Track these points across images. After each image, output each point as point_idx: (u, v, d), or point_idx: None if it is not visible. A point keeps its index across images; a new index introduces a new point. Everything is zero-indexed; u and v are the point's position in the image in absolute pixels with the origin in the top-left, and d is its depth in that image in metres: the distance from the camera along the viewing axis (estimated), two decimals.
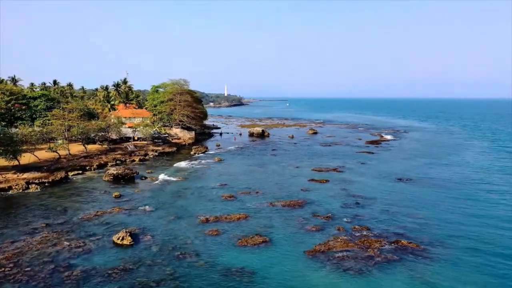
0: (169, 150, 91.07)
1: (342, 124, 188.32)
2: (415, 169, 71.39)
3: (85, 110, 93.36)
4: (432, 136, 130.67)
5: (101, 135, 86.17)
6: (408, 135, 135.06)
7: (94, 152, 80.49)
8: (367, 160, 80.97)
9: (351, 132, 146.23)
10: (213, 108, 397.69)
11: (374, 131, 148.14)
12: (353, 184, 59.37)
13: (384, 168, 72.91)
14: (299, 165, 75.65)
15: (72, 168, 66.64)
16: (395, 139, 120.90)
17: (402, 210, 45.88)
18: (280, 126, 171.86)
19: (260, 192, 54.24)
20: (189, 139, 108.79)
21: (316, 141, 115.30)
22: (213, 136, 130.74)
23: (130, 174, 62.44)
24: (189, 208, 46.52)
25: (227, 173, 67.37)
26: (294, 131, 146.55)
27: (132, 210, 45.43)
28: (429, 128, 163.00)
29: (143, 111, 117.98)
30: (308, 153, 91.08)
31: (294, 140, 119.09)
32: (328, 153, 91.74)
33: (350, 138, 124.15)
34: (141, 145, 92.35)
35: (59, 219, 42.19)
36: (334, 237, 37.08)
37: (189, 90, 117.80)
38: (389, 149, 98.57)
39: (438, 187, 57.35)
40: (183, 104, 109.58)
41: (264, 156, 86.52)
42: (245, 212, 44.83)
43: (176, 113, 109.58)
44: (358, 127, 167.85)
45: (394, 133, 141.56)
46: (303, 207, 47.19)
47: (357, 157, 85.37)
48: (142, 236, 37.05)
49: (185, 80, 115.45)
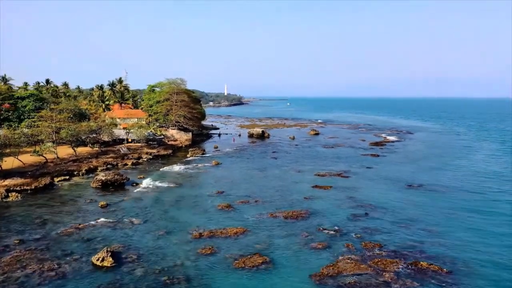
0: (164, 152, 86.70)
1: (344, 124, 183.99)
2: (424, 174, 67.06)
3: (76, 110, 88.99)
4: (437, 137, 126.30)
5: (93, 137, 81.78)
6: (412, 136, 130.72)
7: (84, 155, 76.11)
8: (372, 164, 76.64)
9: (353, 133, 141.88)
10: (213, 107, 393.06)
11: (377, 132, 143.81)
12: (360, 191, 55.06)
13: (391, 172, 68.60)
14: (301, 169, 71.33)
15: (58, 174, 62.29)
16: (399, 141, 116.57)
17: (416, 223, 41.57)
18: (281, 127, 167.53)
19: (260, 201, 49.93)
20: (186, 140, 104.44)
21: (318, 143, 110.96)
22: (211, 137, 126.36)
23: (119, 180, 58.08)
24: (181, 221, 42.21)
25: (224, 179, 63.04)
26: (295, 132, 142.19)
27: (118, 223, 41.10)
28: (433, 129, 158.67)
29: (138, 112, 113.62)
30: (310, 156, 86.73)
31: (295, 141, 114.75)
32: (331, 155, 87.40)
33: (353, 139, 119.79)
34: (135, 147, 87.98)
35: (36, 233, 37.88)
36: (343, 256, 32.78)
37: (186, 90, 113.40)
38: (394, 152, 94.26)
39: (452, 197, 53.00)
40: (180, 104, 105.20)
41: (264, 159, 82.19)
42: (243, 225, 40.52)
43: (172, 114, 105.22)
44: (360, 128, 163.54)
45: (398, 134, 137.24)
46: (307, 219, 42.89)
47: (361, 160, 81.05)
48: (126, 256, 32.72)
49: (182, 79, 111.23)
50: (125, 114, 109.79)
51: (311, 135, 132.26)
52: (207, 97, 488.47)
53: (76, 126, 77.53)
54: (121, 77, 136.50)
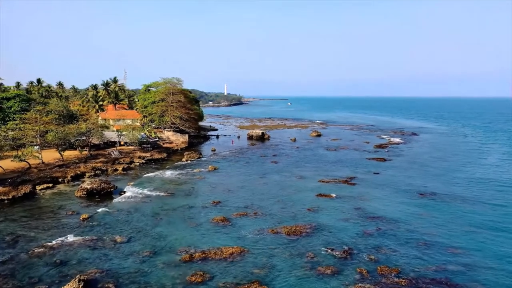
0: (158, 156, 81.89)
1: (346, 125, 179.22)
2: (436, 181, 62.31)
3: (64, 112, 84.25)
4: (444, 139, 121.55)
5: (82, 141, 77.09)
6: (417, 137, 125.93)
7: (72, 160, 71.36)
8: (379, 169, 71.91)
9: (356, 134, 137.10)
10: (212, 107, 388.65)
11: (380, 133, 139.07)
12: (368, 201, 50.32)
13: (400, 179, 63.87)
14: (304, 174, 66.60)
15: (41, 181, 57.54)
16: (404, 143, 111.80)
17: (436, 242, 36.83)
18: (281, 127, 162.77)
19: (259, 213, 45.22)
20: (182, 143, 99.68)
21: (320, 145, 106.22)
22: (209, 139, 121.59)
23: (106, 188, 53.32)
24: (171, 238, 37.47)
25: (221, 186, 58.30)
26: (296, 133, 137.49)
27: (99, 241, 36.37)
28: (438, 130, 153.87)
29: (132, 113, 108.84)
30: (313, 160, 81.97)
31: (296, 143, 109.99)
32: (335, 159, 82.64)
33: (356, 141, 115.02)
34: (127, 151, 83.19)
35: (3, 254, 33.19)
36: (356, 286, 28.07)
37: (183, 90, 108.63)
38: (400, 155, 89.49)
39: (471, 210, 48.29)
40: (176, 105, 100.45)
41: (264, 164, 77.42)
42: (240, 244, 35.81)
43: (168, 115, 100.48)
44: (363, 129, 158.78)
45: (402, 135, 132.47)
46: (311, 235, 38.18)
47: (367, 165, 76.32)
48: (102, 286, 27.99)
49: (178, 79, 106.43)
50: (118, 115, 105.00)
51: (313, 137, 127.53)
52: (206, 97, 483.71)
53: (64, 128, 72.90)
54: (116, 77, 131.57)
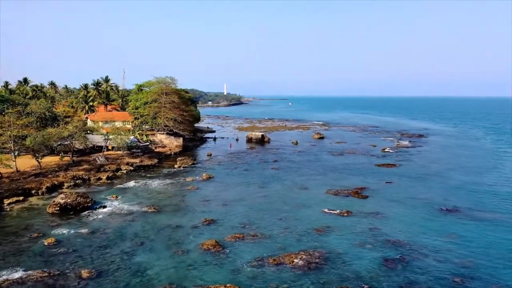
0: (148, 162, 74.94)
1: (349, 126, 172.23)
2: (458, 194, 55.34)
3: (47, 114, 77.36)
4: (455, 142, 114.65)
5: (65, 145, 70.27)
6: (426, 140, 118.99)
7: (52, 167, 64.50)
8: (392, 177, 65.03)
9: (361, 136, 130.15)
10: (211, 107, 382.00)
11: (386, 135, 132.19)
12: (385, 220, 43.44)
13: (417, 190, 56.96)
14: (309, 184, 59.73)
15: (11, 193, 50.64)
16: (413, 146, 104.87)
17: (476, 276, 29.95)
18: (282, 129, 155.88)
19: (259, 235, 38.33)
20: (176, 147, 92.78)
21: (324, 148, 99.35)
22: (205, 142, 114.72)
23: (83, 203, 46.44)
24: (150, 272, 30.57)
25: (215, 200, 51.40)
26: (297, 135, 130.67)
27: (61, 276, 29.51)
28: (446, 132, 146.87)
29: (123, 114, 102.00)
30: (317, 166, 75.05)
31: (298, 147, 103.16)
32: (342, 165, 75.73)
33: (363, 144, 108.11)
34: (114, 156, 76.27)
35: None
36: None
37: (177, 90, 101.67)
38: (412, 160, 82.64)
39: (505, 230, 41.37)
40: (169, 106, 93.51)
41: (264, 171, 70.53)
42: (234, 280, 28.97)
43: (161, 117, 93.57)
44: (367, 130, 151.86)
45: (410, 138, 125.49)
46: (322, 268, 31.32)
47: (378, 172, 69.48)
48: None
49: (172, 78, 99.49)
50: (108, 117, 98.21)
51: (316, 139, 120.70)
52: (206, 96, 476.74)
53: (45, 132, 66.04)
54: (108, 76, 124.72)
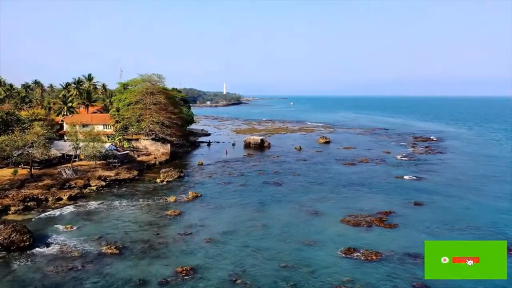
0: (126, 175, 62.89)
1: (355, 128, 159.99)
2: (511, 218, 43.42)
3: (5, 117, 65.40)
4: (480, 149, 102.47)
5: (23, 156, 58.38)
6: (445, 145, 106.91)
7: (3, 184, 52.54)
8: (420, 195, 53.12)
9: (371, 140, 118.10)
10: (210, 107, 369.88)
11: (398, 139, 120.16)
12: None
13: (456, 214, 45.03)
14: (319, 208, 47.79)
15: None
16: (433, 153, 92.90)
17: None
18: (283, 132, 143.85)
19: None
20: (163, 154, 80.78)
21: (332, 156, 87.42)
22: (198, 147, 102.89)
23: (18, 242, 34.45)
24: None
25: (200, 232, 39.47)
26: (300, 139, 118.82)
27: None
28: (464, 135, 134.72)
29: (104, 117, 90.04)
30: (327, 180, 63.16)
31: (302, 153, 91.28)
32: (356, 179, 63.82)
33: (375, 150, 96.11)
34: (86, 168, 64.27)
35: None
36: None
37: (165, 89, 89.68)
38: (437, 171, 70.71)
39: None
40: (154, 107, 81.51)
41: (263, 187, 58.60)
42: None
43: (145, 120, 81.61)
44: (376, 133, 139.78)
45: (425, 142, 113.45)
46: None
47: (401, 188, 57.61)
48: None
49: (159, 75, 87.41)
50: (86, 120, 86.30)
51: (321, 144, 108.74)
52: (204, 96, 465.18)
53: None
54: (91, 74, 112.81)
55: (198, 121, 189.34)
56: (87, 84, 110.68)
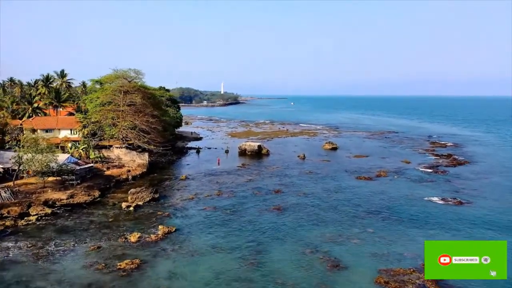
0: (83, 198, 48.73)
1: (362, 131, 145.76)
2: None
3: None
4: (506, 154, 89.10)
5: None
6: (470, 153, 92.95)
7: None
8: (472, 230, 39.23)
9: (384, 146, 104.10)
10: (206, 107, 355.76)
11: (413, 144, 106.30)
12: None
13: None
14: (339, 253, 33.86)
15: None
16: (462, 163, 78.99)
17: None
18: (283, 135, 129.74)
19: None
20: (139, 166, 66.64)
21: (342, 166, 73.54)
22: (186, 154, 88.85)
23: None
24: None
25: None
26: (303, 144, 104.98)
27: None
28: (485, 139, 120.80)
29: (69, 120, 75.81)
30: (343, 203, 49.22)
31: (307, 163, 77.43)
32: (379, 202, 49.85)
33: (391, 159, 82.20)
34: (33, 187, 50.04)
35: None
36: None
37: (143, 86, 75.42)
38: (479, 190, 56.82)
39: None
40: (128, 109, 67.38)
41: (260, 216, 44.59)
42: None
43: (119, 124, 67.53)
44: (386, 136, 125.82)
45: (445, 149, 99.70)
46: None
47: (442, 217, 43.81)
48: None
49: (137, 71, 73.19)
50: (50, 124, 72.27)
51: (327, 150, 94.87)
52: (201, 95, 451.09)
53: None
54: (64, 70, 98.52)
55: (190, 123, 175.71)
56: (60, 82, 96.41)
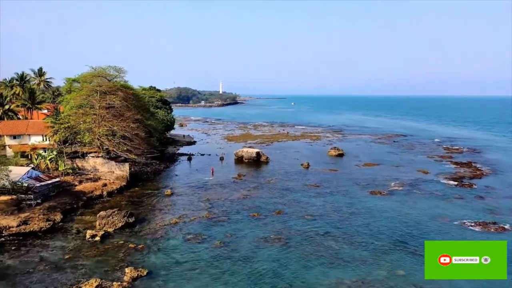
0: (39, 224, 39.55)
1: (368, 134, 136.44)
2: None
3: None
4: None
5: None
6: (491, 159, 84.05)
7: None
8: None
9: (394, 152, 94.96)
10: (204, 107, 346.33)
11: (426, 150, 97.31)
12: None
13: None
14: None
15: None
16: (485, 173, 70.18)
17: None
18: (284, 139, 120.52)
19: None
20: (118, 179, 57.39)
21: (352, 178, 64.49)
22: (176, 162, 79.66)
23: None
24: None
25: None
26: (305, 150, 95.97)
27: None
28: (503, 143, 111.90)
29: (39, 124, 66.59)
30: (359, 230, 40.15)
31: (311, 173, 68.42)
32: (402, 228, 40.81)
33: (406, 168, 73.17)
34: None
35: None
36: None
37: (125, 86, 66.18)
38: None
39: None
40: (106, 114, 58.19)
41: (259, 250, 35.46)
42: None
43: (95, 130, 58.37)
44: (395, 141, 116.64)
45: (462, 155, 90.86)
46: None
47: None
48: None
49: (118, 68, 64.13)
50: (18, 129, 63.15)
51: (334, 158, 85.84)
52: (199, 95, 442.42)
53: None
54: (42, 68, 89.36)
55: (186, 124, 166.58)
56: (37, 81, 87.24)
